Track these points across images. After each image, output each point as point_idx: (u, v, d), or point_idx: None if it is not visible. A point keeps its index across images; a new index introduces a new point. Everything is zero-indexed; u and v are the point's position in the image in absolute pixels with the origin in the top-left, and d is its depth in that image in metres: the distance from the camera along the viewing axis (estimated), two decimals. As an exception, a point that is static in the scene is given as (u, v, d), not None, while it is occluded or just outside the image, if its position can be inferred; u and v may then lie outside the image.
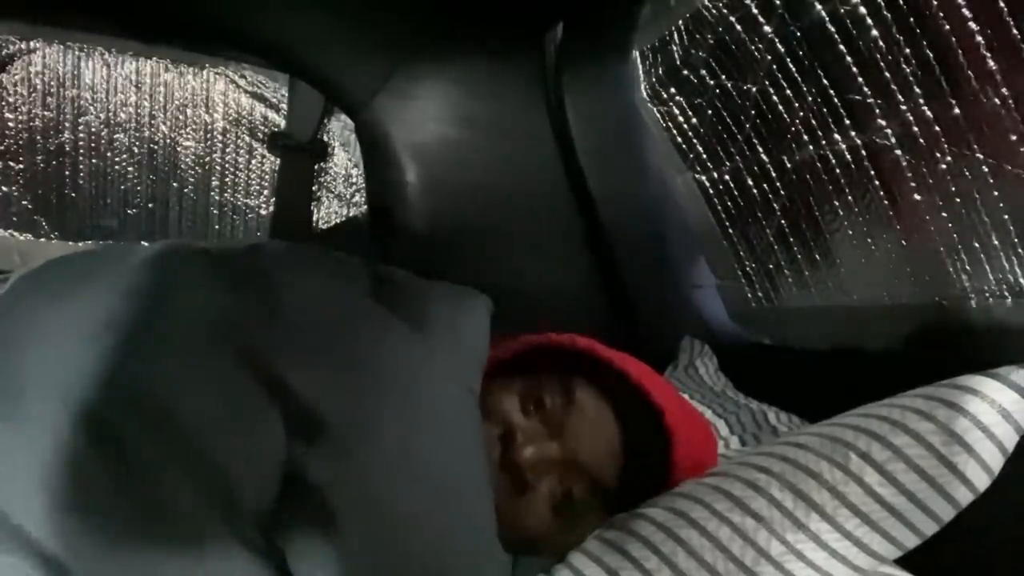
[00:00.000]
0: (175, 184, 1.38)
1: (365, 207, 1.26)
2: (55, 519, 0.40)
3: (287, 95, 1.34)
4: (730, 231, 1.06)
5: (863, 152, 0.82)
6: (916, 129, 0.75)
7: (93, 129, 1.32)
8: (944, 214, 0.76)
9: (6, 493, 0.41)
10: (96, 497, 0.41)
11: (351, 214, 1.39)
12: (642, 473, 0.62)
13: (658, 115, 1.08)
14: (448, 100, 1.04)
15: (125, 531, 0.41)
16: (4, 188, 1.28)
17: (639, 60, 1.09)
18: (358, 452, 0.48)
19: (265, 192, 1.42)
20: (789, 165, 0.92)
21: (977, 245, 0.74)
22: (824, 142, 0.86)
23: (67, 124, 1.30)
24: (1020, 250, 0.71)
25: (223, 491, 0.43)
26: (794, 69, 0.86)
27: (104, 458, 0.42)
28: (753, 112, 0.93)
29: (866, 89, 0.78)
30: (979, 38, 0.67)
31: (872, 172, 0.82)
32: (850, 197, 0.86)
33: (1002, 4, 0.64)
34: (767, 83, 0.90)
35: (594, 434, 0.61)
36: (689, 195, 1.09)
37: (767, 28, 0.88)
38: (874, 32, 0.75)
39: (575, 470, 0.60)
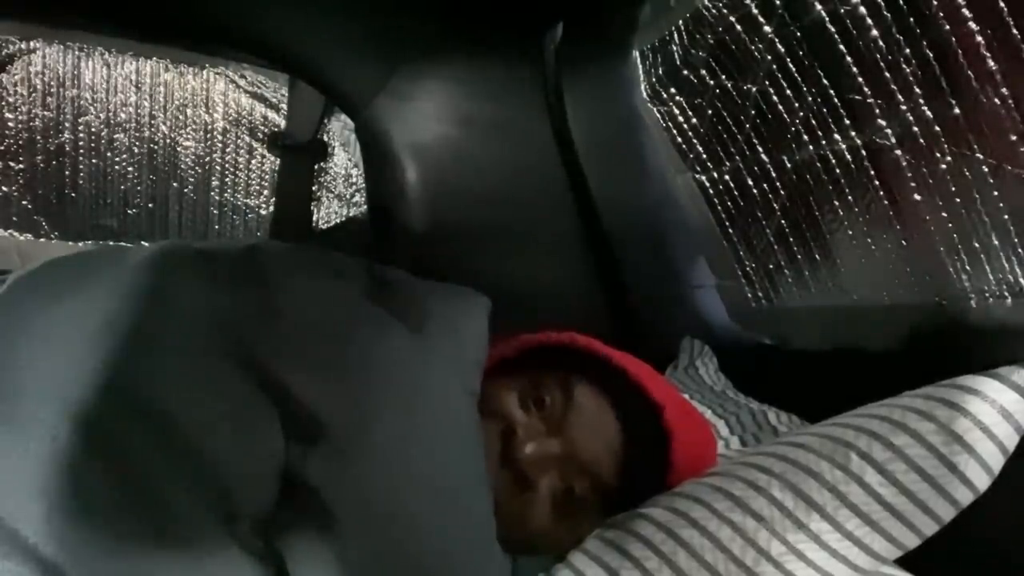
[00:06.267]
0: (175, 184, 1.38)
1: (365, 207, 1.26)
2: (53, 523, 0.40)
3: (287, 95, 1.34)
4: (730, 231, 1.06)
5: (863, 152, 0.82)
6: (916, 129, 0.75)
7: (93, 129, 1.32)
8: (944, 214, 0.76)
9: (3, 497, 0.41)
10: (94, 501, 0.41)
11: (351, 214, 1.39)
12: (641, 471, 0.62)
13: (658, 115, 1.08)
14: (448, 100, 1.04)
15: (123, 535, 0.41)
16: (4, 188, 1.28)
17: (639, 60, 1.09)
18: (357, 454, 0.48)
19: (265, 192, 1.42)
20: (789, 165, 0.92)
21: (977, 245, 0.74)
22: (824, 142, 0.86)
23: (67, 124, 1.30)
24: (1020, 250, 0.71)
25: (221, 494, 0.43)
26: (794, 69, 0.86)
27: (102, 461, 0.42)
28: (753, 112, 0.93)
29: (866, 89, 0.79)
30: (979, 38, 0.67)
31: (872, 172, 0.82)
32: (850, 197, 0.86)
33: (1002, 4, 0.64)
34: (767, 83, 0.90)
35: (594, 431, 0.61)
36: (689, 195, 1.09)
37: (767, 28, 0.88)
38: (874, 32, 0.75)
39: (575, 467, 0.60)
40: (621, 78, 1.08)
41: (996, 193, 0.70)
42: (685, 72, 1.01)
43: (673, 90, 1.05)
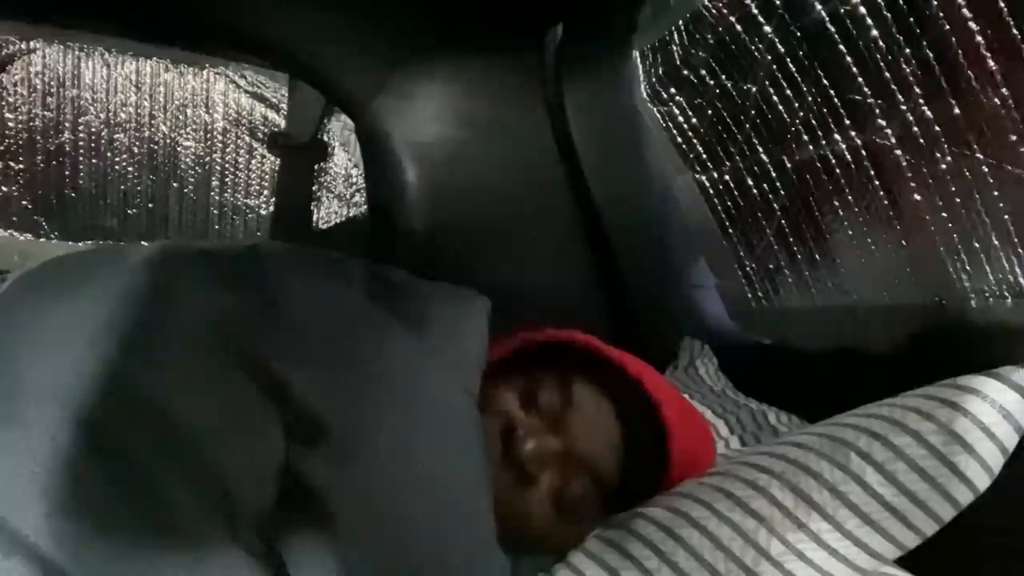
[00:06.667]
0: (175, 184, 1.38)
1: (365, 207, 1.26)
2: (53, 524, 0.40)
3: (287, 95, 1.34)
4: (730, 231, 1.06)
5: (863, 152, 0.82)
6: (916, 129, 0.75)
7: (93, 129, 1.32)
8: (944, 214, 0.76)
9: (3, 497, 0.41)
10: (94, 501, 0.41)
11: (351, 214, 1.39)
12: (641, 468, 0.62)
13: (658, 115, 1.08)
14: (448, 100, 1.04)
15: (123, 535, 0.41)
16: (4, 188, 1.28)
17: (639, 60, 1.09)
18: (357, 454, 0.48)
19: (265, 192, 1.42)
20: (789, 165, 0.92)
21: (977, 245, 0.74)
22: (824, 142, 0.86)
23: (67, 124, 1.30)
24: (1020, 250, 0.71)
25: (221, 494, 0.43)
26: (794, 69, 0.86)
27: (102, 461, 0.42)
28: (753, 112, 0.94)
29: (866, 89, 0.79)
30: (979, 38, 0.67)
31: (872, 172, 0.82)
32: (850, 197, 0.86)
33: (1002, 4, 0.64)
34: (767, 83, 0.90)
35: (593, 428, 0.61)
36: (689, 195, 1.09)
37: (767, 28, 0.88)
38: (874, 32, 0.75)
39: (575, 464, 0.60)
40: (621, 78, 1.08)
41: (996, 193, 0.71)
42: (685, 72, 1.01)
43: (673, 90, 1.05)
